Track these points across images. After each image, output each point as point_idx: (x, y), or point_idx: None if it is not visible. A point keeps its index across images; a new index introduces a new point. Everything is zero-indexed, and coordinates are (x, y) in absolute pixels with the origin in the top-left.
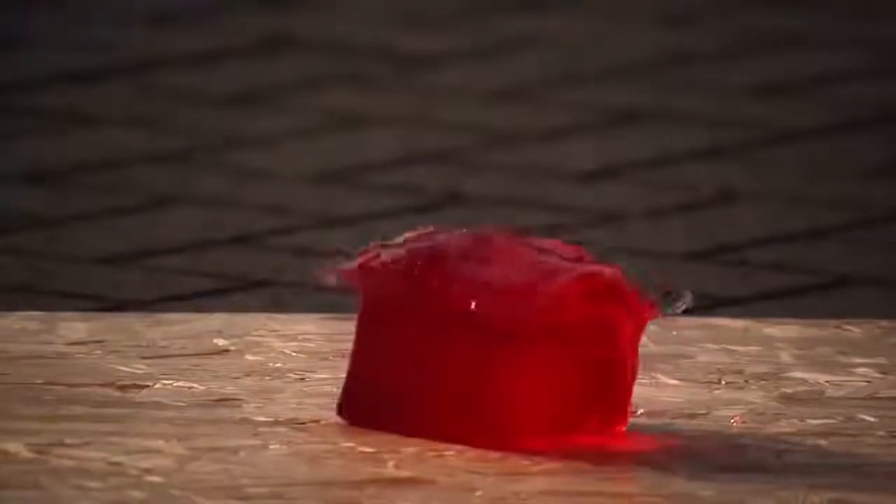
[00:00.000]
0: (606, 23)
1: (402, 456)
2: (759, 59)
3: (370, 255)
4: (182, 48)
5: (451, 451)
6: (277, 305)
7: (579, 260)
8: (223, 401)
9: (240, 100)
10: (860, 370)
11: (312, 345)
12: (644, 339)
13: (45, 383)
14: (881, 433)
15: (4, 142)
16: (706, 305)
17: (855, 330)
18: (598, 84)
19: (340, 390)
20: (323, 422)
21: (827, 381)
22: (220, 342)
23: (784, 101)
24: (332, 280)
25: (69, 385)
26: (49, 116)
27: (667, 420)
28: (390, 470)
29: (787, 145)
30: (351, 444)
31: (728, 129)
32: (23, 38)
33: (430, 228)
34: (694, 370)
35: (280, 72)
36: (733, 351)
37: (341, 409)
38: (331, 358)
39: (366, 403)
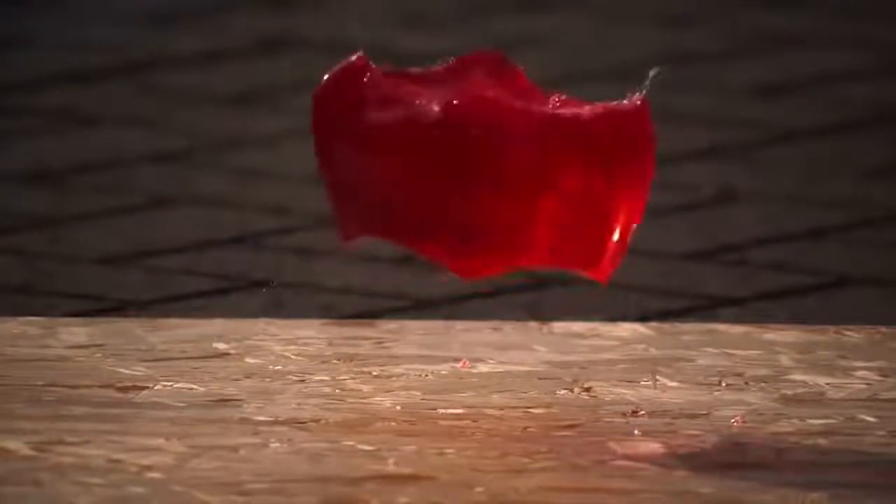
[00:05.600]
0: (606, 23)
1: (402, 453)
2: (759, 59)
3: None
4: (182, 48)
5: (451, 449)
6: (277, 306)
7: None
8: (223, 401)
9: (240, 100)
10: (860, 373)
11: (312, 349)
12: (644, 343)
13: (45, 385)
14: (881, 433)
15: (4, 142)
16: (706, 306)
17: (855, 335)
18: (598, 84)
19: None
20: (323, 421)
21: (827, 384)
22: (221, 346)
23: (784, 101)
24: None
25: (69, 386)
26: (49, 116)
27: (668, 420)
28: (390, 467)
29: (787, 145)
30: (351, 443)
31: (728, 129)
32: (23, 38)
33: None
34: (694, 373)
35: (280, 72)
36: (733, 354)
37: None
38: (333, 361)
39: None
